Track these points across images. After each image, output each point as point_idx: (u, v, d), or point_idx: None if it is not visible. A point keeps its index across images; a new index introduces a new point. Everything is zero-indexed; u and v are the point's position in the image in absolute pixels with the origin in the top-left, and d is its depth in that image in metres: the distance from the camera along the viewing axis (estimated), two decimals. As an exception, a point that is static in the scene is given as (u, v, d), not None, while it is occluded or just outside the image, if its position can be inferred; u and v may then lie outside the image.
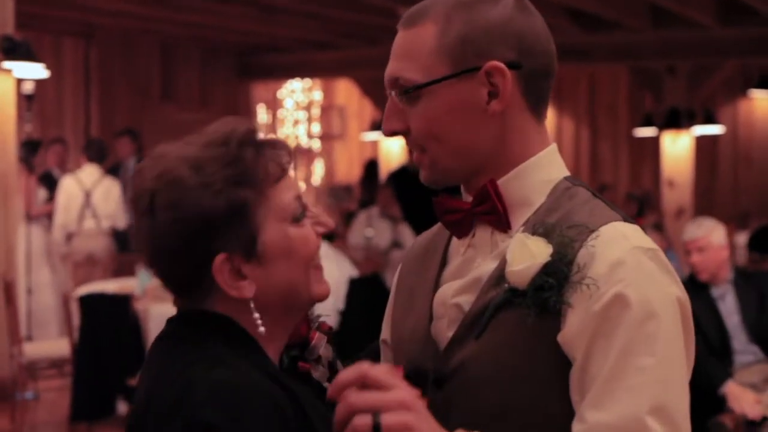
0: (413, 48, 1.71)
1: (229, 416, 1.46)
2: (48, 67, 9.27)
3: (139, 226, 1.62)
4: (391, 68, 1.73)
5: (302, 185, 16.57)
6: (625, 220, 1.67)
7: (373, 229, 11.69)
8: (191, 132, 1.69)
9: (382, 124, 1.77)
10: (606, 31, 11.80)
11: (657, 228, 9.10)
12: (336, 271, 7.94)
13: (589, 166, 15.55)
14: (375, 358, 1.96)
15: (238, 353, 1.57)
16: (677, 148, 12.50)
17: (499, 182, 1.72)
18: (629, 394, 1.53)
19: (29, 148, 10.29)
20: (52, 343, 8.54)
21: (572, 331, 1.58)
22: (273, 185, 1.63)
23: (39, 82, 10.22)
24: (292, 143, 16.46)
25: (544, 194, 1.72)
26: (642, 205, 12.34)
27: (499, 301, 1.64)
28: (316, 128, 16.92)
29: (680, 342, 1.60)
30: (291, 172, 1.68)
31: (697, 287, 6.04)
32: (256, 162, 1.61)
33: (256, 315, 1.61)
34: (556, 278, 1.59)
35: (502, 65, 1.67)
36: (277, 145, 1.66)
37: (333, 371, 1.81)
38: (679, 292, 1.62)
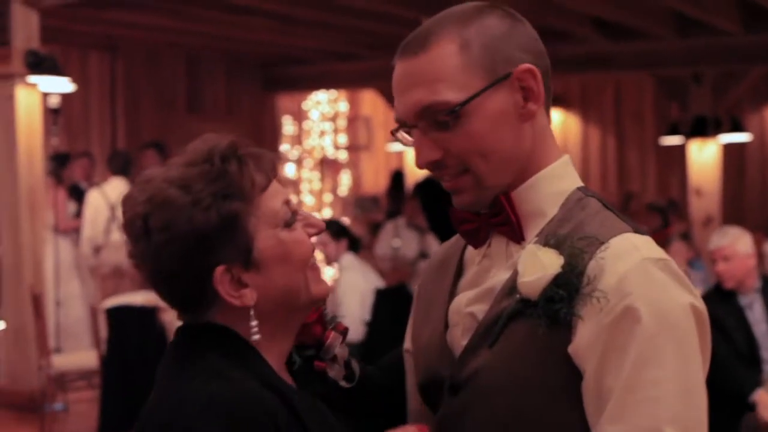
0: (437, 69, 1.68)
1: (224, 429, 1.52)
2: (74, 81, 9.34)
3: (135, 251, 1.67)
4: (417, 97, 1.69)
5: (329, 196, 16.59)
6: (636, 231, 1.68)
7: (399, 239, 11.69)
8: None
9: (415, 159, 1.74)
10: (630, 39, 11.77)
11: (684, 237, 9.05)
12: (362, 281, 7.95)
13: (616, 174, 15.49)
14: (399, 363, 1.99)
15: (236, 363, 1.62)
16: (704, 156, 12.44)
17: (514, 193, 1.74)
18: (646, 406, 1.54)
19: (58, 162, 10.34)
20: (80, 354, 8.59)
21: (583, 344, 1.60)
22: (260, 194, 1.67)
23: (65, 96, 10.28)
24: (318, 154, 16.50)
25: (557, 205, 1.74)
26: (666, 215, 12.29)
27: (511, 312, 1.66)
28: (343, 139, 16.92)
29: (695, 349, 1.61)
30: (277, 179, 1.72)
31: (724, 295, 6.02)
32: (241, 174, 1.65)
33: (254, 323, 1.66)
34: (567, 290, 1.61)
35: (532, 66, 1.71)
36: (261, 154, 1.70)
37: (348, 370, 1.88)
38: (692, 299, 1.62)
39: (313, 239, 1.76)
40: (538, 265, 1.63)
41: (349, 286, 7.86)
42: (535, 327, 1.63)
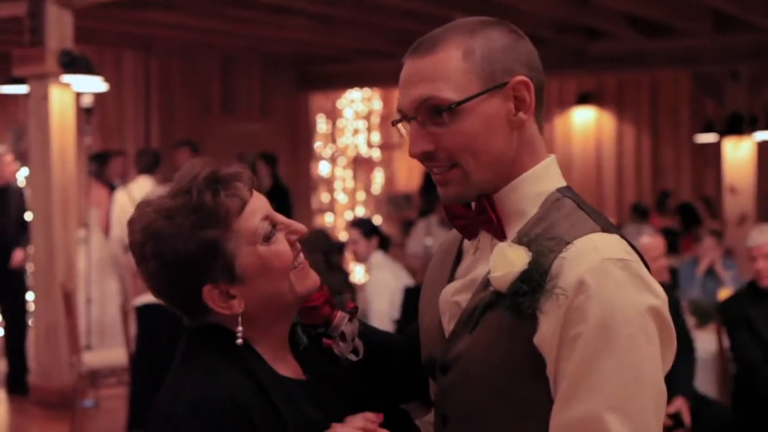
0: (441, 70, 1.84)
1: (205, 424, 1.73)
2: (108, 81, 9.40)
3: (139, 271, 1.92)
4: (420, 91, 1.85)
5: (362, 194, 16.60)
6: (604, 230, 1.81)
7: (432, 237, 11.68)
8: (252, 143, 1.90)
9: (409, 148, 1.91)
10: (666, 36, 11.70)
11: (716, 235, 8.97)
12: (391, 279, 7.93)
13: (651, 172, 15.39)
14: (411, 341, 2.13)
15: (227, 360, 1.84)
16: (739, 154, 12.34)
17: (497, 194, 1.90)
18: (589, 393, 1.70)
19: (99, 161, 10.39)
20: (111, 352, 8.65)
21: (546, 335, 1.75)
22: (237, 217, 1.87)
23: (99, 96, 10.34)
24: (351, 153, 16.51)
25: (537, 205, 1.89)
26: (695, 214, 12.18)
27: (487, 302, 1.83)
28: (376, 137, 16.92)
29: (649, 347, 1.73)
30: (253, 198, 1.90)
31: (758, 294, 5.99)
32: (216, 203, 1.85)
33: (240, 328, 1.87)
34: (530, 286, 1.76)
35: (527, 79, 1.86)
36: (235, 177, 1.90)
37: (355, 345, 2.05)
38: (652, 299, 1.75)
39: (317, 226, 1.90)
40: (506, 261, 1.79)
41: (379, 285, 7.85)
42: (504, 317, 1.79)
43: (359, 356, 2.04)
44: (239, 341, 1.85)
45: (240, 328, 1.85)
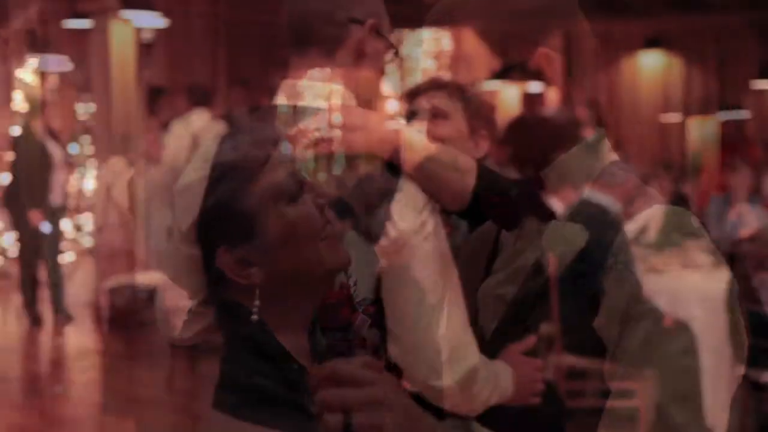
0: (458, 48, 1.74)
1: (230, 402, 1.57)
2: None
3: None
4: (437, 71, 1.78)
5: (323, 176, 16.53)
6: (672, 203, 1.69)
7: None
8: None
9: (426, 132, 1.82)
10: (628, 16, 11.72)
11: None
12: (369, 260, 7.94)
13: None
14: None
15: (244, 342, 1.61)
16: (704, 133, 12.43)
17: (543, 173, 1.75)
18: (652, 381, 1.56)
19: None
20: (83, 336, 8.58)
21: (607, 315, 1.61)
22: (259, 170, 1.61)
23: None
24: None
25: (589, 181, 1.73)
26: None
27: (539, 289, 1.68)
28: (338, 119, 16.87)
29: (715, 330, 1.60)
30: (279, 153, 1.65)
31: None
32: (236, 152, 1.62)
33: (257, 302, 1.60)
34: (591, 264, 1.62)
35: (551, 51, 1.70)
36: (259, 129, 1.68)
37: (378, 356, 1.85)
38: (724, 281, 1.61)
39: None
40: (562, 240, 1.65)
41: (353, 265, 7.84)
42: (561, 302, 1.64)
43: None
44: (254, 317, 1.58)
45: (257, 302, 1.59)
